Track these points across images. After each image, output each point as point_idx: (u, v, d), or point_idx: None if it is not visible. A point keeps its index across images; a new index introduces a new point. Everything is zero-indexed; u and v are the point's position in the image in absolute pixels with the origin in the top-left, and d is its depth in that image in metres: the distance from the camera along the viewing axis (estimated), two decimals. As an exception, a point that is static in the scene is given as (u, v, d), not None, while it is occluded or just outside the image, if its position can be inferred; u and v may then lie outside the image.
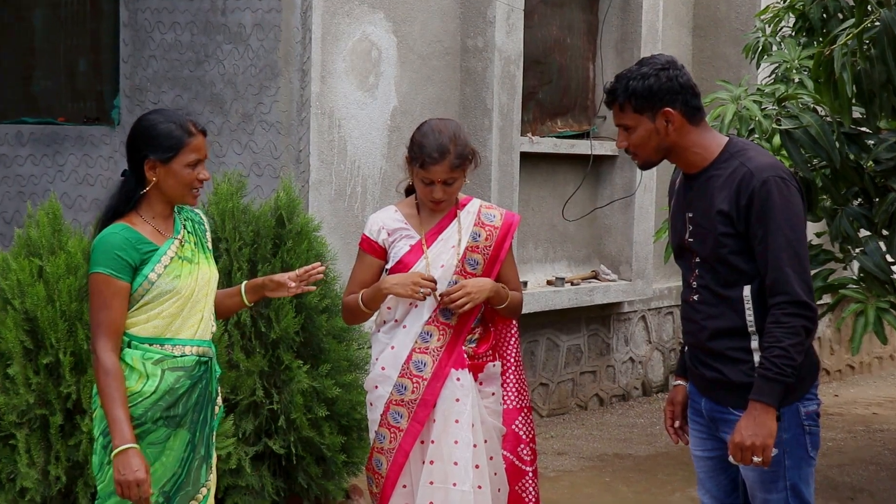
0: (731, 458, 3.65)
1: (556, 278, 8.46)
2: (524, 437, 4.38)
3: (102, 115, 7.84)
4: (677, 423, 4.01)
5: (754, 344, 3.65)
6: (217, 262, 5.56)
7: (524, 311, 7.97)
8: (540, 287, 8.39)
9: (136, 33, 7.40)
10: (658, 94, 3.66)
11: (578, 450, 7.76)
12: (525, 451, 4.38)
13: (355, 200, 7.04)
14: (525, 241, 8.34)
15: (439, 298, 4.22)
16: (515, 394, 4.39)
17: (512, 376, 4.39)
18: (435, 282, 4.19)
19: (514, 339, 4.43)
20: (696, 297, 3.76)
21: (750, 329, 3.65)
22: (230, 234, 5.60)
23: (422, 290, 4.15)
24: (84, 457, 4.90)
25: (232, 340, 5.49)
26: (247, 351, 5.53)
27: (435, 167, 4.15)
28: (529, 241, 8.43)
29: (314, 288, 4.03)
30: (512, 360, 4.41)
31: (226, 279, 5.53)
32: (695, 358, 3.83)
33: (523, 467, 4.38)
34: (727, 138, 3.78)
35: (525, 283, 8.17)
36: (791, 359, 3.55)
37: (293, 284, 3.89)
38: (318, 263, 3.97)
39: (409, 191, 4.42)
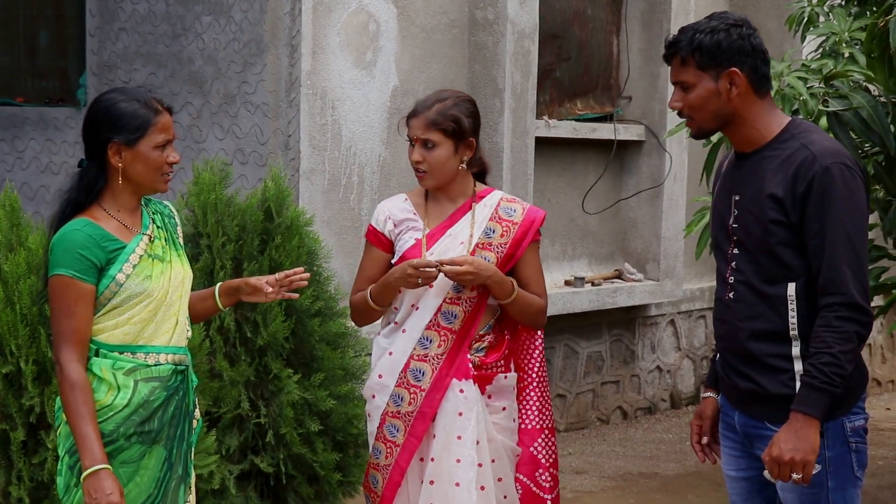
0: (766, 475, 3.64)
1: (576, 278, 8.46)
2: (543, 461, 4.37)
3: (67, 94, 7.84)
4: (705, 440, 4.00)
5: (795, 350, 3.63)
6: (198, 260, 5.60)
7: (539, 314, 8.02)
8: (557, 288, 8.39)
9: (104, 3, 7.40)
10: (727, 52, 3.65)
11: (600, 468, 7.77)
12: (544, 478, 4.37)
13: (351, 191, 7.04)
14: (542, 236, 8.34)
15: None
16: (537, 412, 4.39)
17: (534, 392, 4.39)
18: (435, 265, 4.15)
19: (538, 351, 4.43)
20: (731, 295, 3.75)
21: (792, 333, 3.63)
22: (213, 229, 5.61)
23: (420, 279, 4.15)
24: (50, 476, 4.90)
25: (214, 347, 5.49)
26: (231, 359, 5.53)
27: (413, 120, 4.25)
28: (546, 236, 8.42)
29: (296, 295, 4.04)
30: (535, 374, 4.41)
31: (207, 279, 5.54)
32: (728, 366, 3.81)
33: (542, 495, 4.36)
34: (790, 118, 3.77)
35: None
36: (841, 367, 3.54)
37: (270, 290, 3.88)
38: (302, 269, 3.96)
39: None
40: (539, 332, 4.45)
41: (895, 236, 5.80)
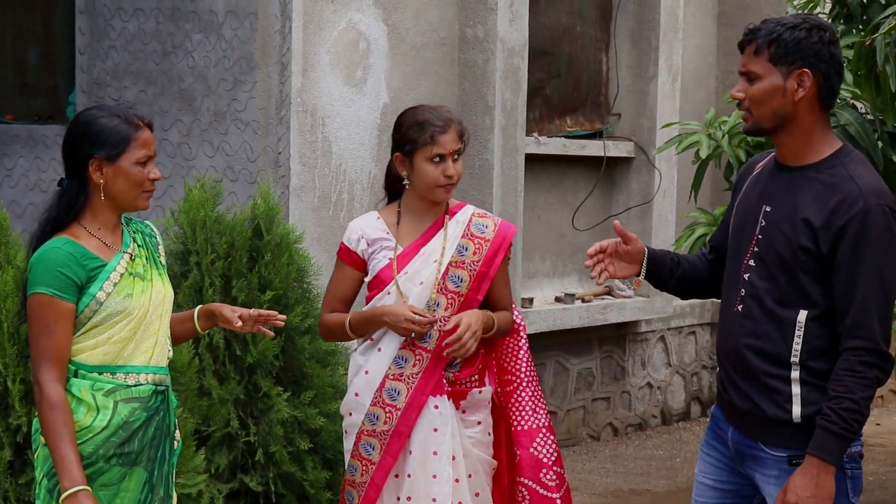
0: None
1: (566, 294, 8.46)
2: (545, 460, 4.35)
3: (56, 112, 7.84)
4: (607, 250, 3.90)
5: (795, 374, 3.59)
6: (187, 277, 5.60)
7: (529, 331, 7.96)
8: (547, 304, 8.40)
9: (93, 21, 7.40)
10: (803, 51, 3.57)
11: (590, 485, 7.76)
12: (549, 477, 4.34)
13: (341, 208, 7.04)
14: (531, 253, 8.36)
15: (439, 332, 4.22)
16: (531, 412, 4.38)
17: (525, 392, 4.38)
18: (432, 322, 4.17)
19: (523, 351, 4.42)
20: (740, 308, 3.70)
21: (793, 359, 3.59)
22: (202, 247, 5.60)
23: (413, 333, 4.17)
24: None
25: (203, 365, 5.48)
26: (220, 377, 5.52)
27: (444, 136, 4.22)
28: (536, 253, 8.44)
29: (271, 333, 4.04)
30: (523, 374, 4.40)
31: (196, 296, 5.53)
32: (728, 379, 3.76)
33: (549, 494, 4.34)
34: (842, 144, 3.68)
35: (531, 300, 8.18)
36: (861, 413, 3.50)
37: (240, 324, 3.85)
38: (278, 314, 3.91)
39: (392, 197, 4.44)
40: (522, 334, 4.44)
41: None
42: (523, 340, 4.44)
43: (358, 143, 7.11)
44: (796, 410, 3.60)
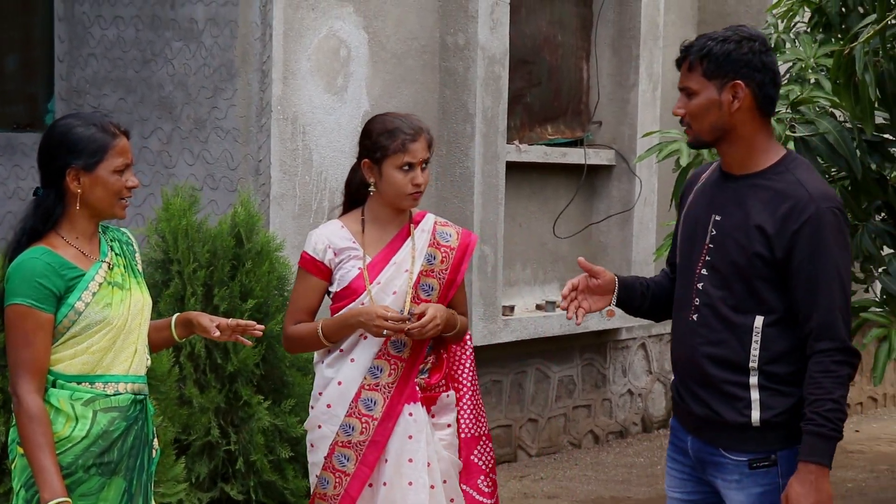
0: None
1: (547, 302, 8.47)
2: (484, 467, 4.40)
3: (35, 120, 7.81)
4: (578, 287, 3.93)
5: (753, 380, 3.62)
6: (169, 286, 5.60)
7: (510, 339, 8.04)
8: (528, 312, 8.40)
9: (73, 28, 7.39)
10: (734, 63, 3.62)
11: (571, 492, 7.77)
12: (486, 483, 4.40)
13: (321, 216, 7.04)
14: (512, 261, 8.37)
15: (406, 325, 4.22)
16: (473, 421, 4.41)
17: (468, 402, 4.41)
18: (403, 320, 4.18)
19: (469, 361, 4.44)
20: (695, 317, 3.72)
21: (751, 365, 3.62)
22: (183, 255, 5.60)
23: (385, 332, 4.17)
24: (16, 505, 4.89)
25: (184, 374, 5.48)
26: (201, 385, 5.52)
27: (415, 145, 4.22)
28: (517, 261, 8.45)
29: (249, 343, 4.03)
30: (468, 384, 4.42)
31: (178, 304, 5.53)
32: (684, 390, 3.79)
33: (484, 500, 4.39)
34: (786, 150, 3.73)
35: (512, 309, 8.19)
36: (842, 412, 3.55)
37: (218, 333, 3.85)
38: (256, 324, 3.92)
39: (348, 206, 4.44)
40: (468, 343, 4.46)
41: (862, 260, 5.84)
42: (469, 350, 4.47)
43: (338, 151, 7.11)
44: (755, 415, 3.63)
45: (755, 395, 3.63)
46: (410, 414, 4.25)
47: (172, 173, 6.98)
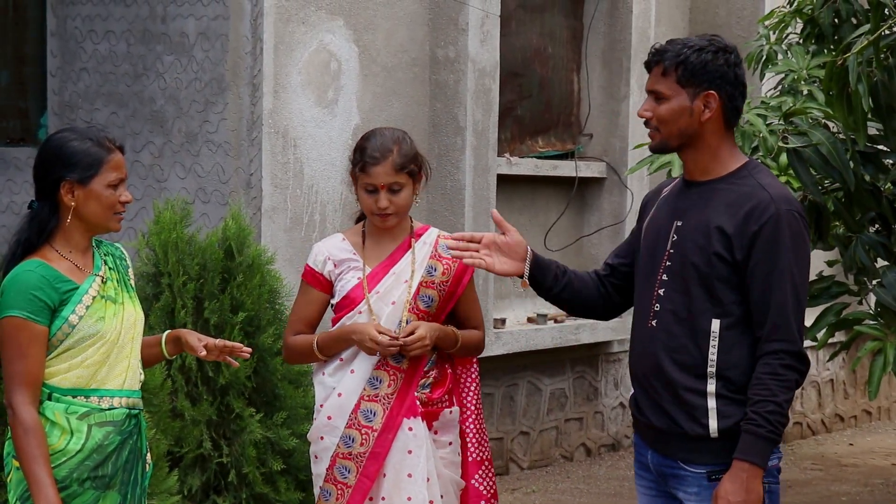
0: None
1: (538, 315, 8.45)
2: (485, 492, 4.37)
3: (27, 135, 7.79)
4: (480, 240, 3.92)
5: (710, 388, 3.62)
6: (159, 299, 5.58)
7: (501, 352, 8.01)
8: (520, 325, 8.38)
9: (65, 43, 7.37)
10: (710, 74, 3.65)
11: (564, 507, 7.75)
12: None
13: (313, 229, 7.02)
14: (503, 273, 8.34)
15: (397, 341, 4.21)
16: (476, 445, 4.39)
17: (472, 425, 4.39)
18: (396, 338, 4.15)
19: (474, 384, 4.42)
20: (654, 323, 3.72)
21: (710, 369, 3.62)
22: (173, 268, 5.58)
23: (379, 352, 4.16)
24: (10, 519, 4.85)
25: (176, 386, 5.46)
26: (192, 398, 5.50)
27: (377, 168, 4.16)
28: (508, 273, 8.42)
29: (236, 364, 4.03)
30: (472, 407, 4.40)
31: (168, 317, 5.51)
32: (644, 399, 3.79)
33: None
34: (748, 158, 3.77)
35: (503, 321, 8.17)
36: (784, 416, 3.56)
37: (204, 353, 3.85)
38: (244, 346, 3.92)
39: (360, 218, 4.43)
40: (475, 366, 4.44)
41: (856, 272, 5.83)
42: (475, 373, 4.45)
43: (329, 164, 7.09)
44: (713, 424, 3.63)
45: (712, 403, 3.62)
46: (410, 429, 4.22)
47: (164, 187, 6.96)
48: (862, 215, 5.78)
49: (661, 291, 3.72)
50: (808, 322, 5.83)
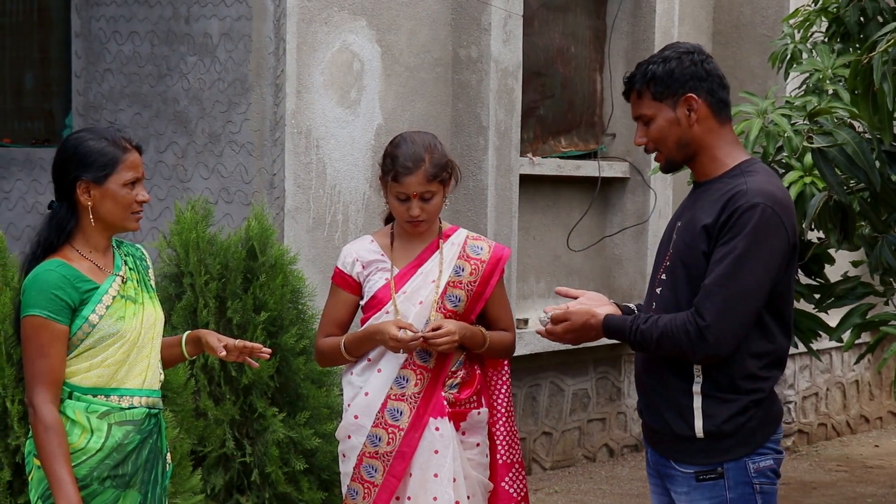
0: (544, 322, 3.81)
1: (561, 315, 8.42)
2: (515, 495, 4.37)
3: (52, 135, 7.82)
4: None
5: (696, 387, 3.64)
6: (181, 299, 5.58)
7: (524, 352, 7.99)
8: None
9: (89, 44, 7.39)
10: (680, 79, 3.66)
11: (587, 507, 7.74)
12: None
13: (336, 229, 7.02)
14: (526, 274, 8.32)
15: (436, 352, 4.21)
16: (506, 447, 4.38)
17: (502, 428, 4.38)
18: (417, 338, 4.15)
19: (505, 386, 4.42)
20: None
21: (696, 368, 3.63)
22: (195, 268, 5.58)
23: (402, 349, 4.15)
24: (34, 517, 4.86)
25: (199, 386, 5.47)
26: (215, 398, 5.50)
27: (409, 178, 4.16)
28: (531, 273, 8.41)
29: (256, 364, 4.04)
30: (503, 409, 4.39)
31: (191, 317, 5.52)
32: (643, 399, 3.82)
33: None
34: (748, 157, 3.76)
35: (526, 321, 8.15)
36: (644, 345, 3.63)
37: (224, 353, 3.86)
38: (263, 346, 3.93)
39: (389, 219, 4.43)
40: (506, 367, 4.43)
41: (881, 273, 5.78)
42: (506, 376, 4.44)
43: (352, 165, 7.09)
44: (698, 424, 3.64)
45: (697, 402, 3.63)
46: (437, 429, 4.22)
47: (188, 187, 6.97)
48: (888, 215, 5.74)
49: (658, 290, 3.75)
50: (833, 323, 5.82)
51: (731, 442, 3.63)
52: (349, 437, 4.29)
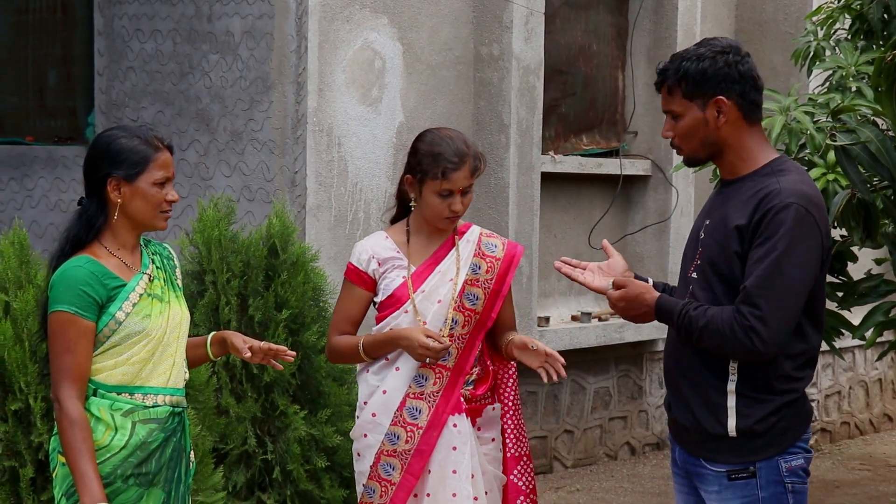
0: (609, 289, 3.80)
1: (582, 313, 8.42)
2: (524, 487, 4.36)
3: (75, 133, 7.84)
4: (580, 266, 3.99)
5: (731, 385, 3.62)
6: (203, 296, 5.59)
7: (547, 350, 7.97)
8: (564, 323, 8.35)
9: (112, 43, 7.40)
10: (712, 80, 3.62)
11: (609, 505, 7.73)
12: None
13: (357, 227, 7.02)
14: (547, 271, 8.32)
15: (457, 350, 4.21)
16: (514, 440, 4.38)
17: (510, 421, 4.38)
18: (446, 347, 4.15)
19: (512, 380, 4.41)
20: None
21: (731, 365, 3.61)
22: (217, 265, 5.59)
23: (428, 358, 4.14)
24: (57, 514, 4.87)
25: (221, 384, 5.47)
26: (237, 395, 5.51)
27: (456, 174, 4.15)
28: (552, 272, 8.39)
29: (280, 367, 4.05)
30: (511, 403, 4.39)
31: (213, 314, 5.53)
32: (673, 396, 3.80)
33: None
34: (778, 154, 3.73)
35: (547, 319, 8.14)
36: (692, 329, 3.59)
37: (249, 354, 3.86)
38: (288, 349, 3.92)
39: (395, 218, 4.42)
40: (513, 362, 4.42)
41: (905, 271, 5.76)
42: (513, 370, 4.43)
43: (374, 163, 7.09)
44: (731, 423, 3.62)
45: (731, 401, 3.62)
46: (455, 425, 4.22)
47: (210, 185, 6.98)
48: (911, 213, 5.71)
49: (690, 289, 3.73)
50: (856, 321, 5.79)
51: (763, 441, 3.62)
52: (365, 435, 4.28)
